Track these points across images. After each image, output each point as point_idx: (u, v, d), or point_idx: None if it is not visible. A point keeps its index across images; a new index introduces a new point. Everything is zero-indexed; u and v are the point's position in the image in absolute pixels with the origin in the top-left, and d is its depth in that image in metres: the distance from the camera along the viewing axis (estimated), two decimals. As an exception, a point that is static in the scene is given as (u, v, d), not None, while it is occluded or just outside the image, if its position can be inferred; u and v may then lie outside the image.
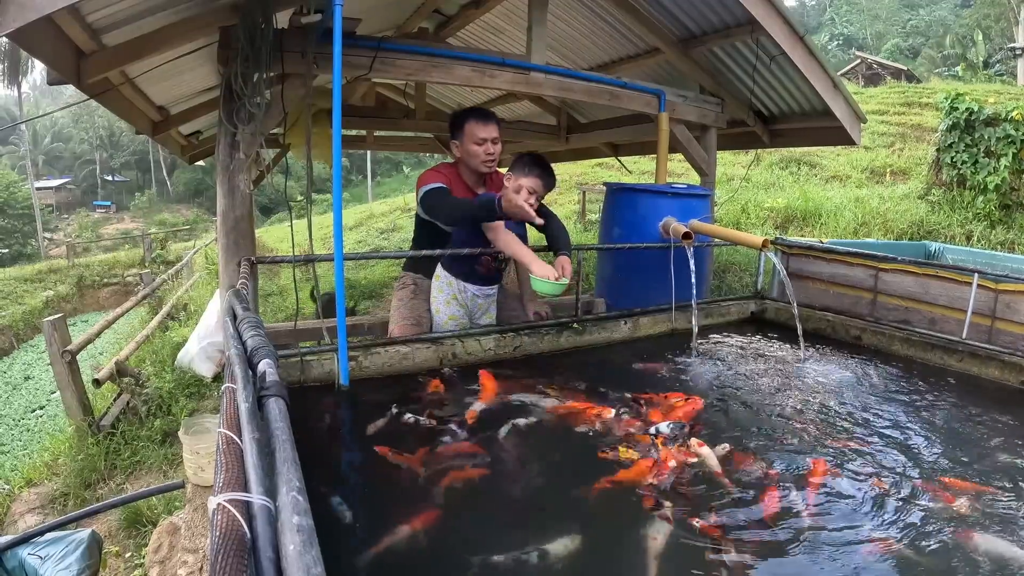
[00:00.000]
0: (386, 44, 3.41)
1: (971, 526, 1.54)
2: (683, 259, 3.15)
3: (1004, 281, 3.13)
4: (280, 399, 1.11)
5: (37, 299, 15.98)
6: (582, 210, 11.99)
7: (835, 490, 1.70)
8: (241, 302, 1.80)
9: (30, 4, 2.02)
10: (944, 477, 1.78)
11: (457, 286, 2.93)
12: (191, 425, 3.12)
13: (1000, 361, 2.70)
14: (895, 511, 1.59)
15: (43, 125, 52.74)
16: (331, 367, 2.33)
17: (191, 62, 3.78)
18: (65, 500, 4.21)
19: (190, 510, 2.88)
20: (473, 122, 2.85)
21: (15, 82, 28.64)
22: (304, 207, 3.34)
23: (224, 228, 3.18)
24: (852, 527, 1.52)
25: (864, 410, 2.28)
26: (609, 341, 3.06)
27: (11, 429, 8.97)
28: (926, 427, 2.14)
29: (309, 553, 0.68)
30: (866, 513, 1.58)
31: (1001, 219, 8.01)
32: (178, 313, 8.83)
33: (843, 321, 3.34)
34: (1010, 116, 7.66)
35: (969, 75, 24.06)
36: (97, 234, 37.16)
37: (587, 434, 2.01)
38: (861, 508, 1.61)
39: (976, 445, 2.02)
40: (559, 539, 1.43)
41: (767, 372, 2.69)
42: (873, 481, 1.74)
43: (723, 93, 4.75)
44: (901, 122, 14.96)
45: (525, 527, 1.51)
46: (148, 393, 5.20)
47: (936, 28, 42.58)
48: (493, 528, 1.53)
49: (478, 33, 5.96)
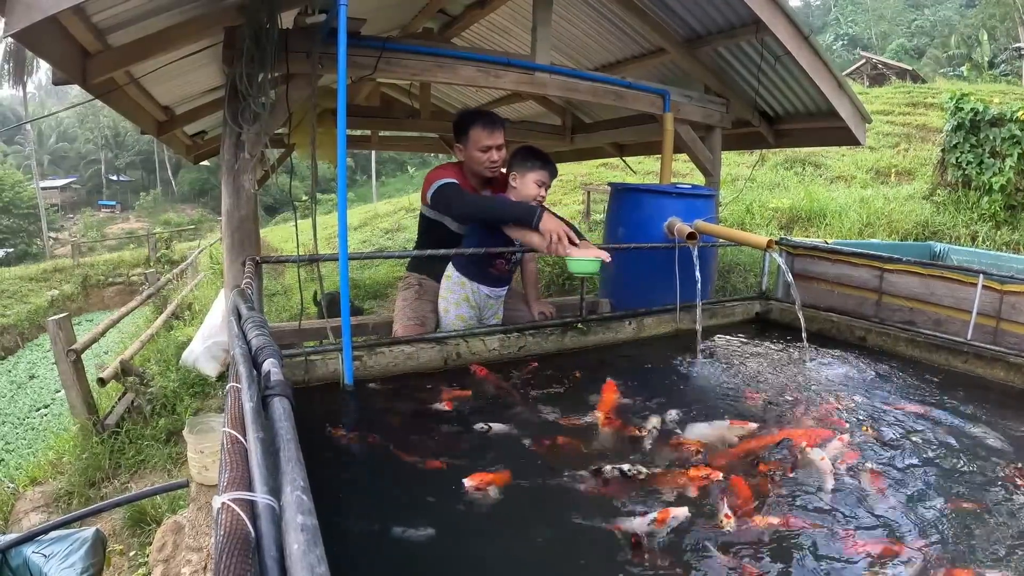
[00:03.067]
0: (391, 44, 3.40)
1: (971, 525, 1.53)
2: (688, 259, 3.14)
3: (1009, 282, 3.12)
4: (284, 398, 1.11)
5: (42, 298, 16.06)
6: (587, 210, 11.99)
7: (838, 489, 1.69)
8: (246, 301, 1.80)
9: (36, 5, 2.03)
10: (951, 483, 1.77)
11: (471, 287, 2.93)
12: (195, 424, 3.13)
13: (1006, 362, 2.69)
14: (899, 512, 1.59)
15: (48, 125, 52.95)
16: (335, 367, 2.33)
17: (196, 62, 3.78)
18: (69, 499, 4.23)
19: (194, 509, 2.89)
20: (479, 129, 2.84)
21: (20, 82, 28.71)
22: (309, 207, 3.34)
23: (229, 228, 3.18)
24: (851, 526, 1.52)
25: (868, 411, 2.27)
26: (614, 341, 3.06)
27: (16, 428, 9.01)
28: (930, 428, 2.13)
29: (313, 552, 0.67)
30: (867, 513, 1.58)
31: (1006, 220, 7.97)
32: (183, 312, 8.86)
33: (848, 322, 3.33)
34: (1015, 116, 7.63)
35: (974, 75, 23.99)
36: (102, 233, 37.27)
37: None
38: (865, 508, 1.60)
39: (981, 447, 2.01)
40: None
41: (771, 373, 2.69)
42: (871, 480, 1.73)
43: (728, 93, 4.74)
44: (906, 122, 14.92)
45: (537, 529, 1.50)
46: (152, 392, 5.22)
47: (941, 28, 42.47)
48: (501, 528, 1.53)
49: (483, 33, 5.96)
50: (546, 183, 2.83)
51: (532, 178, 2.80)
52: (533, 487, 1.69)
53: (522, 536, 1.47)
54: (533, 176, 2.80)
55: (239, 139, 3.04)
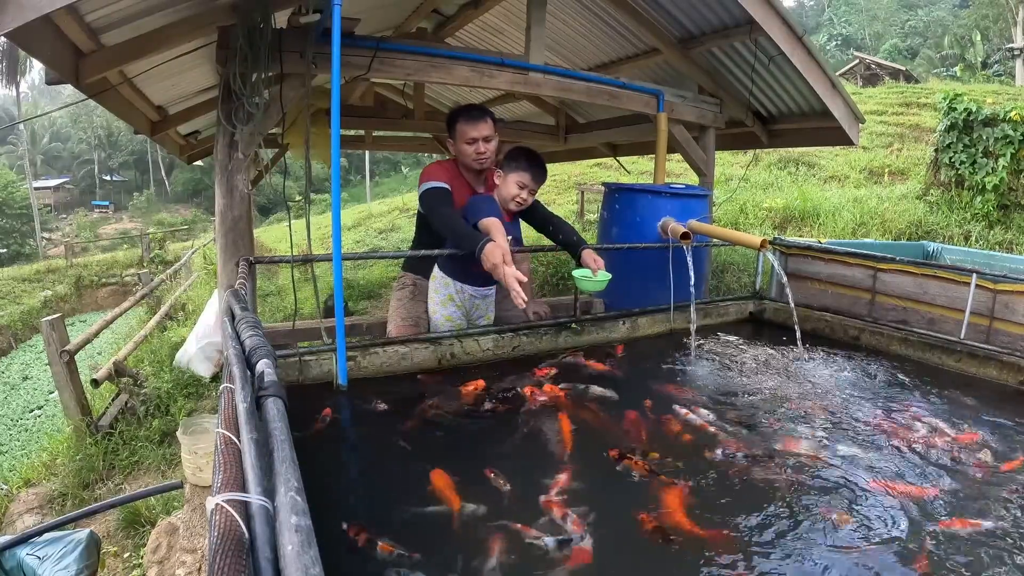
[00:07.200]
0: (385, 44, 3.40)
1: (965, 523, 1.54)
2: (681, 259, 3.15)
3: (1002, 281, 3.13)
4: (278, 399, 1.11)
5: (35, 299, 15.96)
6: (580, 210, 11.99)
7: (831, 488, 1.70)
8: (239, 302, 1.80)
9: (29, 4, 2.02)
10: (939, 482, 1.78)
11: (455, 287, 2.91)
12: (189, 425, 3.13)
13: (999, 361, 2.71)
14: (890, 509, 1.60)
15: (41, 125, 52.65)
16: (329, 367, 2.33)
17: (190, 62, 3.77)
18: (63, 500, 4.21)
19: (188, 510, 2.88)
20: (463, 122, 2.85)
21: (13, 82, 28.65)
22: (303, 207, 3.34)
23: (222, 228, 3.18)
24: (849, 526, 1.52)
25: (861, 410, 2.28)
26: (608, 341, 3.06)
27: (9, 429, 8.96)
28: (923, 427, 2.14)
29: (307, 553, 0.68)
30: (861, 511, 1.59)
31: (999, 219, 8.01)
32: (176, 313, 8.83)
33: (841, 321, 3.34)
34: (1008, 116, 7.66)
35: (967, 75, 24.12)
36: (95, 234, 37.14)
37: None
38: (857, 506, 1.61)
39: (974, 446, 2.02)
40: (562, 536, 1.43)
41: (765, 372, 2.70)
42: (870, 481, 1.74)
43: (722, 93, 4.75)
44: (899, 122, 14.97)
45: (528, 527, 1.50)
46: (146, 393, 5.21)
47: (935, 28, 42.61)
48: (495, 526, 1.53)
49: (477, 33, 5.96)
50: (528, 186, 2.82)
51: (514, 179, 2.80)
52: (536, 484, 1.69)
53: (525, 535, 1.47)
54: (515, 177, 2.80)
55: (233, 139, 3.04)
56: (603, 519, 1.55)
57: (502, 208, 2.82)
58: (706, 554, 1.41)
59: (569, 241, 2.92)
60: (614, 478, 1.75)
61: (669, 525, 1.51)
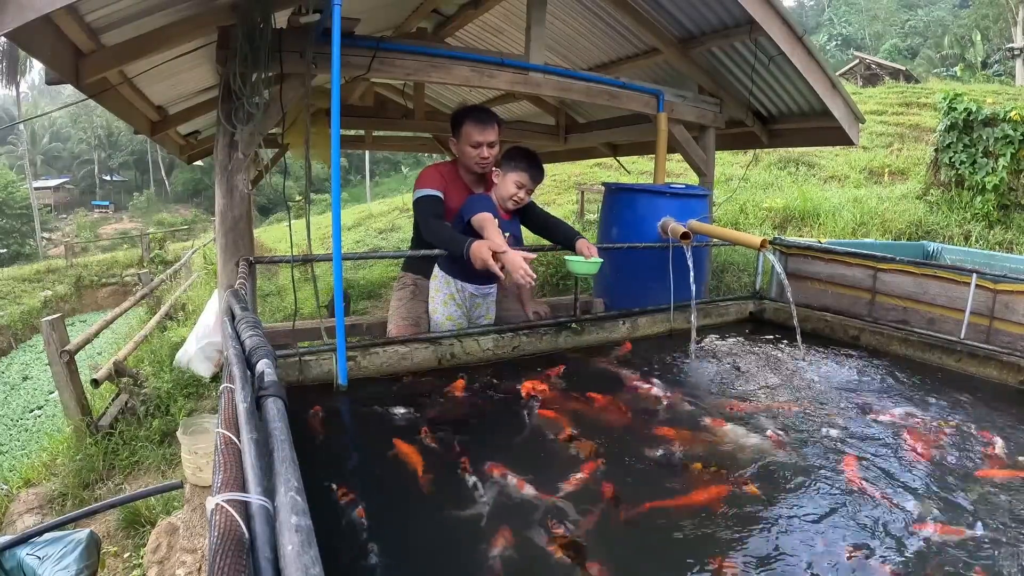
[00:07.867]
0: (385, 44, 3.40)
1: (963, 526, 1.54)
2: (681, 259, 3.15)
3: (1002, 281, 3.13)
4: (278, 399, 1.11)
5: (35, 299, 15.96)
6: (580, 210, 11.98)
7: (831, 487, 1.70)
8: (239, 302, 1.80)
9: (29, 4, 2.02)
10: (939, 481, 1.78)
11: (455, 285, 2.91)
12: (189, 425, 3.12)
13: (999, 361, 2.71)
14: (890, 510, 1.60)
15: (41, 125, 52.64)
16: (330, 367, 2.33)
17: (190, 62, 3.77)
18: (63, 500, 4.21)
19: (188, 510, 2.88)
20: (471, 124, 2.84)
21: (13, 82, 28.62)
22: (303, 207, 3.34)
23: (222, 228, 3.18)
24: (845, 526, 1.52)
25: (861, 410, 2.28)
26: (608, 341, 3.06)
27: (9, 429, 8.96)
28: (923, 428, 2.14)
29: (307, 553, 0.68)
30: (861, 511, 1.59)
31: (999, 219, 8.01)
32: (176, 313, 8.82)
33: (841, 321, 3.34)
34: (1008, 116, 7.66)
35: (967, 75, 24.10)
36: (95, 234, 37.13)
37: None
38: (851, 508, 1.61)
39: (974, 445, 2.02)
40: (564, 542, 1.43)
41: (765, 372, 2.70)
42: (869, 481, 1.74)
43: (722, 93, 4.75)
44: (899, 122, 14.96)
45: (530, 528, 1.50)
46: (146, 393, 5.20)
47: (935, 28, 42.59)
48: (495, 528, 1.53)
49: (477, 33, 5.96)
50: (526, 186, 2.83)
51: (512, 178, 2.81)
52: (534, 492, 1.69)
53: (525, 537, 1.47)
54: (514, 176, 2.81)
55: (233, 139, 3.03)
56: (613, 511, 1.55)
57: (500, 207, 2.83)
58: (706, 554, 1.41)
59: (566, 237, 2.94)
60: (623, 472, 1.75)
61: (668, 521, 1.51)
